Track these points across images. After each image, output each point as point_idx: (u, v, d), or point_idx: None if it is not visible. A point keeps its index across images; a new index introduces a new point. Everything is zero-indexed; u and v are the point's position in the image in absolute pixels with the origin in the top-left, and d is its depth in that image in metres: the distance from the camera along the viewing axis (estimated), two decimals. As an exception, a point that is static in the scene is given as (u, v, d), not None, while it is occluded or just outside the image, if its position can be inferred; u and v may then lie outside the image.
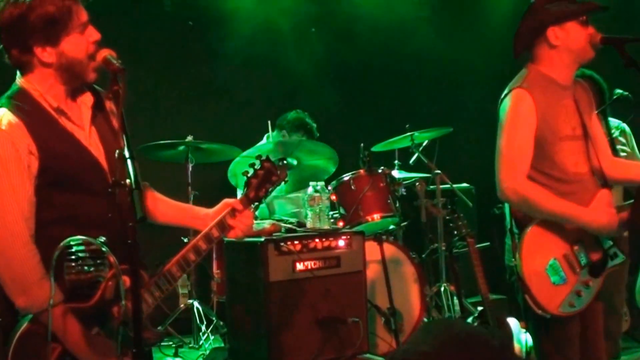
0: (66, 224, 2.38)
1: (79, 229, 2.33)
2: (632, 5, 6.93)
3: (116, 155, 2.25)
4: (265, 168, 2.80)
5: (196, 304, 5.12)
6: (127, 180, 2.18)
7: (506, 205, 3.27)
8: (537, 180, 3.11)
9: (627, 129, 4.89)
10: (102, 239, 2.26)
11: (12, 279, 2.31)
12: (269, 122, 5.45)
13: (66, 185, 2.41)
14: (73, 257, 2.25)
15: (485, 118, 3.32)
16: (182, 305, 5.23)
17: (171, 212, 2.78)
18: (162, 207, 2.77)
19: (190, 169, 5.22)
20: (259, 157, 2.84)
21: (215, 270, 5.00)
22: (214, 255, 5.00)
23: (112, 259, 2.22)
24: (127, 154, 2.21)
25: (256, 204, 2.80)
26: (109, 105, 2.64)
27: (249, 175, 2.78)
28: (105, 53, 2.41)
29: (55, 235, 2.30)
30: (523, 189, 3.06)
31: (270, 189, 2.81)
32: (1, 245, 2.29)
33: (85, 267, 2.23)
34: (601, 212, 3.09)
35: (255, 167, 2.80)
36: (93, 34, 2.44)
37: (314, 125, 5.66)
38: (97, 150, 2.51)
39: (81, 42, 2.41)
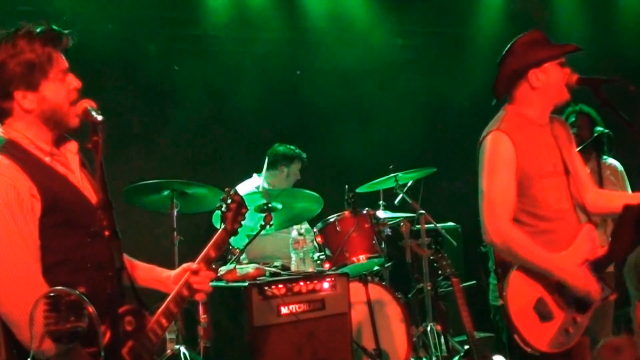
0: (65, 268, 2.39)
1: (77, 272, 2.37)
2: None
3: (96, 204, 2.29)
4: (237, 201, 2.92)
5: (183, 349, 5.07)
6: (107, 232, 2.22)
7: (490, 246, 3.31)
8: (520, 219, 3.14)
9: (620, 167, 4.91)
10: (81, 289, 2.28)
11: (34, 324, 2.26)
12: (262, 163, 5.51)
13: (67, 227, 2.41)
14: (52, 307, 2.27)
15: (469, 157, 3.37)
16: (168, 351, 5.18)
17: (141, 274, 2.79)
18: (136, 271, 2.79)
19: (175, 214, 5.22)
20: (227, 191, 2.95)
21: (201, 315, 4.97)
22: (201, 300, 4.98)
23: (91, 309, 2.24)
24: (107, 203, 2.25)
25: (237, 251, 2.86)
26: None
27: (223, 210, 2.89)
28: (85, 104, 2.43)
29: (55, 280, 2.30)
30: (506, 235, 3.08)
31: (242, 221, 2.93)
32: (20, 293, 2.25)
33: (64, 318, 2.23)
34: (581, 275, 3.10)
35: (228, 201, 2.91)
36: (73, 82, 2.48)
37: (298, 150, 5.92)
38: (89, 193, 2.53)
39: (61, 89, 2.44)
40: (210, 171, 6.49)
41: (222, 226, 2.86)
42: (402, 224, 5.41)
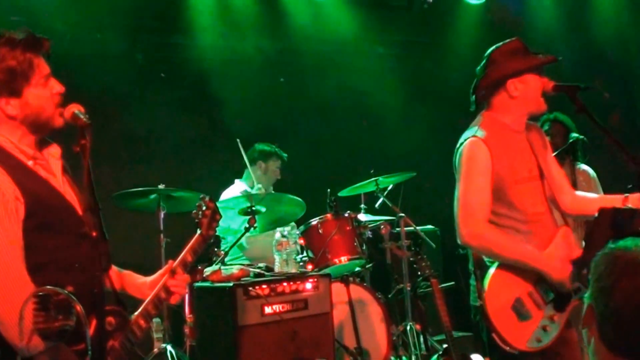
0: (51, 268, 2.41)
1: (63, 273, 2.41)
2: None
3: (84, 206, 2.38)
4: (211, 208, 3.01)
5: (169, 347, 5.14)
6: (94, 233, 2.31)
7: (469, 248, 3.39)
8: (498, 222, 3.21)
9: (593, 173, 4.97)
10: (69, 289, 2.35)
11: (22, 322, 2.30)
12: (238, 140, 5.58)
13: (49, 230, 2.43)
14: (41, 306, 2.34)
15: (447, 162, 3.46)
16: (155, 350, 5.23)
17: (118, 279, 2.81)
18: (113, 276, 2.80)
19: (162, 216, 5.30)
20: (202, 198, 3.04)
21: (187, 314, 5.05)
22: (187, 300, 5.08)
23: (79, 307, 2.31)
24: (94, 206, 2.33)
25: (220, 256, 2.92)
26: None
27: (199, 216, 2.99)
28: (74, 108, 2.47)
29: (41, 280, 2.32)
30: (481, 235, 3.16)
31: (216, 227, 3.02)
32: (7, 292, 2.28)
33: (53, 317, 2.21)
34: (557, 262, 3.17)
35: (203, 208, 3.00)
36: (56, 86, 2.52)
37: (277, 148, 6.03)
38: (71, 197, 2.56)
39: (44, 93, 2.47)
40: (195, 175, 6.56)
41: (198, 232, 2.95)
42: (382, 226, 5.51)
